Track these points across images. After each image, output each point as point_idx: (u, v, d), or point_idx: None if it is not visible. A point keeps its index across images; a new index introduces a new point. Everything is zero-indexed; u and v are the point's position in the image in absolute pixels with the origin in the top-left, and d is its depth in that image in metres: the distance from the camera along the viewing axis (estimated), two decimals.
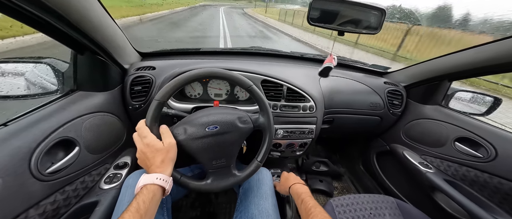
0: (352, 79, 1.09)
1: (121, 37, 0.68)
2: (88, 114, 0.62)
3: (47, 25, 0.42)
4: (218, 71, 0.55)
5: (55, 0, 0.37)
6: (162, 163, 0.47)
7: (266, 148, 0.62)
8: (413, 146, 1.06)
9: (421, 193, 0.98)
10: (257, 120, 0.61)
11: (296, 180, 0.70)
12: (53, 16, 0.40)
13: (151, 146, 0.47)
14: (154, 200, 0.42)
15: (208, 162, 0.56)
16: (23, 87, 0.64)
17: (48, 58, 0.63)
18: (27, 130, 0.47)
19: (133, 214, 0.37)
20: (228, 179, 0.59)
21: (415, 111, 1.08)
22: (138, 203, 0.39)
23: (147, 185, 0.43)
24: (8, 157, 0.42)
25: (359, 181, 1.48)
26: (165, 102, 0.52)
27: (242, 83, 0.58)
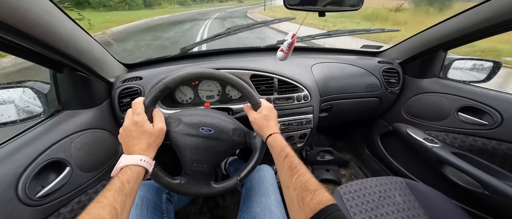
0: (345, 63, 1.06)
1: (99, 50, 0.66)
2: (76, 133, 0.61)
3: (12, 45, 0.40)
4: (232, 78, 0.55)
5: (12, 16, 0.36)
6: (148, 147, 0.45)
7: (250, 168, 0.59)
8: (416, 122, 1.03)
9: (430, 169, 0.95)
10: (252, 138, 0.60)
11: (277, 128, 0.56)
12: (15, 34, 0.38)
13: (140, 125, 0.45)
14: (138, 181, 0.40)
15: (188, 161, 0.53)
16: (12, 114, 0.63)
17: (29, 81, 0.62)
18: (10, 157, 0.46)
19: (117, 193, 0.35)
20: (201, 187, 0.56)
21: (413, 86, 1.05)
22: (123, 182, 0.37)
23: (130, 166, 0.41)
24: None
25: (366, 166, 1.46)
26: (171, 88, 0.51)
27: (252, 98, 0.57)
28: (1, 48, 0.39)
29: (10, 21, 0.35)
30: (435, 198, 0.77)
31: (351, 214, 0.73)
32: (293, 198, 0.39)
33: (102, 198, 0.33)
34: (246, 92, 0.57)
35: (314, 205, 0.35)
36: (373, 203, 0.76)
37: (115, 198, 0.34)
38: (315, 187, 0.38)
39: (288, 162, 0.44)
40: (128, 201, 0.36)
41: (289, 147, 0.49)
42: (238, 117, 0.82)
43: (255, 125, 0.57)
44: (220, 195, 1.28)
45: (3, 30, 0.36)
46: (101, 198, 0.33)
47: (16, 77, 3.17)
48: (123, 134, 0.46)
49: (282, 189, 0.45)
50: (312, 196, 0.36)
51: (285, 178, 0.43)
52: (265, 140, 0.54)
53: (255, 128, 0.58)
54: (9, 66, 3.43)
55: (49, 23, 0.43)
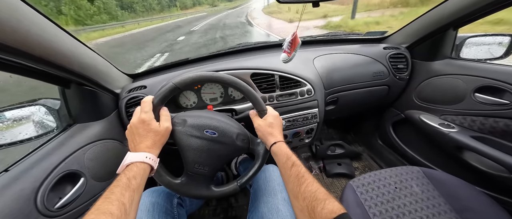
0: (348, 53, 1.03)
1: (102, 63, 0.68)
2: (88, 144, 0.63)
3: (18, 66, 0.42)
4: (240, 83, 0.55)
5: (14, 39, 0.37)
6: (153, 144, 0.46)
7: (250, 175, 0.59)
8: (429, 108, 0.98)
9: (448, 156, 0.90)
10: (255, 145, 0.59)
11: (281, 136, 0.55)
12: (19, 56, 0.40)
13: (146, 123, 0.46)
14: (144, 177, 0.41)
15: (190, 162, 0.54)
16: (28, 131, 0.66)
17: (41, 99, 0.65)
18: (28, 172, 0.48)
19: (124, 189, 0.35)
20: (201, 189, 0.56)
21: (423, 70, 0.99)
22: (129, 178, 0.38)
23: (136, 163, 0.42)
24: (12, 201, 0.43)
25: (379, 157, 1.41)
26: (180, 90, 0.51)
27: (258, 104, 0.57)
28: (8, 69, 0.41)
29: (13, 44, 0.37)
30: (456, 186, 0.72)
31: (366, 208, 0.70)
32: (303, 208, 0.38)
33: (110, 193, 0.34)
34: (253, 98, 0.57)
35: (326, 215, 0.35)
36: (389, 195, 0.73)
37: (123, 194, 0.35)
38: (324, 196, 0.38)
39: (295, 171, 0.44)
40: (135, 197, 0.37)
41: (295, 155, 0.48)
42: (242, 117, 0.82)
43: (259, 132, 0.57)
44: (220, 198, 1.29)
45: (7, 53, 0.38)
46: (109, 194, 0.34)
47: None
48: (129, 131, 0.48)
49: (290, 199, 0.44)
50: (322, 205, 0.36)
51: (293, 187, 0.42)
52: (269, 148, 0.54)
53: (259, 135, 0.57)
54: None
55: (50, 41, 0.45)
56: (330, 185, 1.30)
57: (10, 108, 0.61)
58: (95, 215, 0.30)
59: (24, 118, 0.64)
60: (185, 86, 0.52)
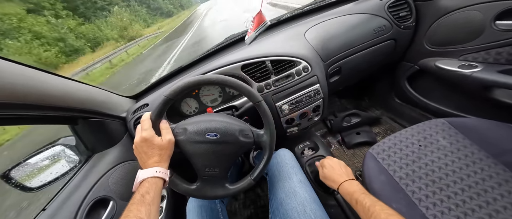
0: (340, 16, 0.95)
1: (100, 93, 0.71)
2: (109, 170, 0.68)
3: (16, 117, 0.45)
4: (229, 80, 0.54)
5: (1, 95, 0.40)
6: (160, 159, 0.48)
7: (262, 166, 0.58)
8: (444, 51, 0.88)
9: (475, 99, 0.81)
10: (260, 136, 0.58)
11: (342, 176, 0.61)
12: (12, 109, 0.42)
13: (149, 141, 0.48)
14: (157, 191, 0.43)
15: (201, 167, 0.55)
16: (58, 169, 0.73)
17: (59, 139, 0.71)
18: (62, 207, 0.54)
19: (139, 205, 0.38)
20: (217, 190, 0.57)
21: (430, 11, 0.89)
22: (142, 195, 0.40)
23: (148, 179, 0.44)
24: None
25: (400, 116, 1.32)
26: (173, 99, 0.52)
27: (253, 97, 0.56)
28: (7, 123, 0.45)
29: (4, 99, 0.39)
30: (489, 129, 0.65)
31: (390, 173, 0.67)
32: None
33: (128, 212, 0.37)
34: (245, 91, 0.56)
35: None
36: (414, 155, 0.69)
37: (139, 209, 0.37)
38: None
39: (361, 208, 0.47)
40: (152, 210, 0.39)
41: (358, 191, 0.52)
42: (242, 111, 0.81)
43: (326, 181, 0.65)
44: (254, 186, 1.32)
45: (3, 109, 0.41)
46: (127, 212, 0.37)
47: None
48: (136, 150, 0.50)
49: None
50: None
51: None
52: (337, 189, 0.59)
53: (327, 183, 0.64)
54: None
55: (38, 87, 0.47)
56: (352, 157, 1.27)
57: (36, 153, 0.67)
58: None
59: (49, 159, 0.70)
60: (176, 95, 0.52)
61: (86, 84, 0.65)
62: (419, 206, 0.57)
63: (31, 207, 2.67)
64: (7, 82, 0.41)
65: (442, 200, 0.57)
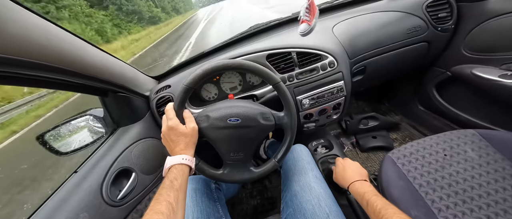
0: (374, 12, 0.90)
1: (130, 70, 0.74)
2: (132, 144, 0.72)
3: (64, 82, 0.49)
4: (248, 64, 0.54)
5: (52, 59, 0.43)
6: (186, 146, 0.50)
7: (285, 148, 0.59)
8: (484, 58, 0.82)
9: None
10: (280, 119, 0.58)
11: (355, 176, 0.61)
12: (59, 73, 0.46)
13: (175, 129, 0.50)
14: (184, 177, 0.45)
15: (226, 153, 0.57)
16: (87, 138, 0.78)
17: (89, 109, 0.75)
18: (91, 171, 0.58)
19: (169, 190, 0.40)
20: (243, 173, 0.58)
21: (474, 14, 0.82)
22: (171, 180, 0.42)
23: (175, 165, 0.46)
24: (85, 196, 0.53)
25: (422, 124, 1.26)
26: (193, 88, 0.54)
27: (270, 78, 0.56)
28: (52, 86, 0.48)
29: (52, 62, 0.42)
30: None
31: (410, 179, 0.65)
32: None
33: (158, 195, 0.39)
34: (264, 74, 0.55)
35: None
36: (437, 164, 0.66)
37: (168, 194, 0.39)
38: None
39: (371, 210, 0.47)
40: (180, 195, 0.41)
41: (369, 192, 0.51)
42: (263, 101, 0.81)
43: (337, 180, 0.66)
44: (262, 178, 1.34)
45: (50, 72, 0.44)
46: (158, 195, 0.39)
47: None
48: (164, 139, 0.52)
49: None
50: None
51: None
52: (347, 188, 0.60)
53: (338, 182, 0.65)
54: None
55: (82, 56, 0.50)
56: (366, 160, 1.24)
57: (68, 121, 0.72)
58: (149, 215, 0.35)
59: (79, 127, 0.75)
60: (196, 84, 0.53)
61: (119, 60, 0.67)
62: (438, 216, 0.55)
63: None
64: (56, 47, 0.43)
65: (464, 212, 0.54)
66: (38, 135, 0.65)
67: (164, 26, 21.97)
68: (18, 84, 0.43)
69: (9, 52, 0.36)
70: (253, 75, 0.90)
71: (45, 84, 0.47)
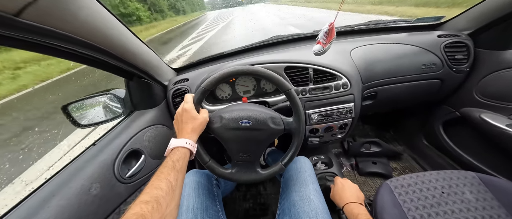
0: (392, 43, 0.93)
1: (156, 59, 0.79)
2: (145, 128, 0.76)
3: (99, 61, 0.53)
4: (259, 70, 0.58)
5: (100, 40, 0.48)
6: (192, 130, 0.53)
7: (292, 153, 0.61)
8: (495, 105, 0.83)
9: None
10: (289, 124, 0.61)
11: (352, 197, 0.64)
12: (101, 53, 0.50)
13: (188, 111, 0.53)
14: (185, 160, 0.47)
15: (235, 153, 0.60)
16: (103, 115, 0.83)
17: (112, 89, 0.80)
18: (108, 146, 0.62)
19: (170, 169, 0.42)
20: (250, 174, 0.61)
21: (491, 61, 0.84)
22: (173, 161, 0.44)
23: (179, 147, 0.48)
24: (100, 168, 0.56)
25: (424, 158, 1.27)
26: (210, 90, 0.58)
27: (282, 85, 0.59)
28: (94, 65, 0.53)
29: (104, 46, 0.47)
30: None
31: (404, 209, 0.66)
32: None
33: (160, 173, 0.41)
34: (276, 80, 0.58)
35: None
36: (433, 199, 0.67)
37: (169, 173, 0.41)
38: None
39: None
40: (179, 177, 0.43)
41: (363, 214, 0.55)
42: (275, 109, 0.85)
43: (334, 197, 0.69)
44: (265, 181, 1.36)
45: (98, 53, 0.49)
46: (159, 173, 0.42)
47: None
48: (176, 119, 0.56)
49: None
50: None
51: None
52: (342, 208, 0.64)
53: (335, 199, 0.69)
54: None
55: (124, 43, 0.55)
56: (363, 184, 1.24)
57: (91, 96, 0.77)
58: (150, 189, 0.37)
59: (99, 104, 0.80)
60: (212, 86, 0.57)
61: (149, 47, 0.72)
62: None
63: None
64: (109, 33, 0.48)
65: None
66: (63, 105, 0.70)
67: (145, 29, 14.70)
68: (73, 60, 0.48)
69: (79, 34, 0.41)
70: (267, 82, 0.93)
71: (91, 62, 0.52)
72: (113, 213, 0.57)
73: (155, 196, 0.35)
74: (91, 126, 0.78)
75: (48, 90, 4.86)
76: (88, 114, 0.79)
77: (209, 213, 0.61)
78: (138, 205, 0.33)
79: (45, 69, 5.63)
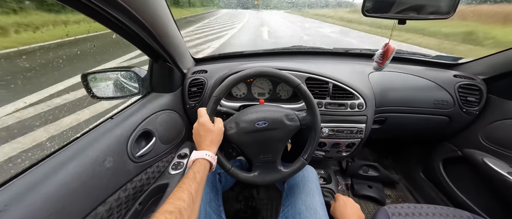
0: (410, 74, 0.96)
1: (183, 45, 0.80)
2: (159, 111, 0.76)
3: (137, 37, 0.54)
4: (267, 70, 0.59)
5: (147, 18, 0.49)
6: (211, 142, 0.54)
7: (312, 147, 0.62)
8: (498, 152, 0.86)
9: (510, 211, 0.78)
10: (304, 119, 0.62)
11: (353, 216, 0.65)
12: (143, 29, 0.51)
13: (204, 125, 0.54)
14: (205, 172, 0.48)
15: (255, 156, 0.60)
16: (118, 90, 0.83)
17: (134, 67, 0.80)
18: (124, 122, 0.62)
19: (191, 181, 0.43)
20: (273, 174, 0.62)
21: (501, 109, 0.87)
22: (194, 172, 0.45)
23: (199, 159, 0.50)
24: (114, 142, 0.56)
25: (419, 191, 1.28)
26: (221, 98, 0.58)
27: (291, 82, 0.59)
28: (132, 40, 0.54)
29: (147, 23, 0.48)
30: None
31: None
32: None
33: (182, 184, 0.42)
34: (284, 78, 0.59)
35: None
36: None
37: (190, 185, 0.42)
38: None
39: None
40: (199, 188, 0.44)
41: None
42: None
43: (335, 214, 0.69)
44: (252, 187, 1.35)
45: (141, 29, 0.50)
46: (181, 184, 0.42)
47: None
48: (194, 134, 0.57)
49: None
50: None
51: None
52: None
53: (336, 216, 0.69)
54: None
55: (165, 25, 0.56)
56: None
57: (112, 70, 0.77)
58: (173, 199, 0.38)
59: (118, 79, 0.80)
60: (224, 94, 0.58)
61: (180, 33, 0.73)
62: None
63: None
64: (156, 13, 0.49)
65: None
66: (83, 74, 0.70)
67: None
68: (115, 30, 0.49)
69: (132, 7, 0.42)
70: (283, 87, 0.95)
71: (130, 36, 0.53)
72: (120, 190, 0.56)
73: (178, 207, 0.36)
74: (107, 99, 0.78)
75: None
76: (105, 87, 0.80)
77: (212, 206, 0.61)
78: (163, 214, 0.33)
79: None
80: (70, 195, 0.42)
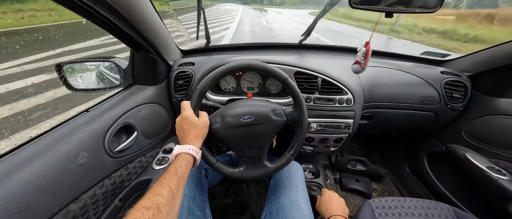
0: (399, 70, 0.97)
1: (168, 36, 0.76)
2: (143, 104, 0.73)
3: (113, 26, 0.50)
4: (254, 63, 0.57)
5: (121, 4, 0.45)
6: (195, 136, 0.52)
7: (298, 142, 0.61)
8: (479, 147, 0.88)
9: (489, 204, 0.82)
10: (291, 114, 0.60)
11: (338, 210, 0.65)
12: (117, 17, 0.47)
13: (188, 118, 0.52)
14: (188, 166, 0.47)
15: (241, 150, 0.59)
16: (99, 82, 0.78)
17: (113, 57, 0.75)
18: (101, 116, 0.58)
19: (172, 175, 0.41)
20: (259, 169, 0.61)
21: (483, 105, 0.89)
22: (176, 167, 0.44)
23: (182, 154, 0.48)
24: (90, 136, 0.53)
25: (404, 184, 1.32)
26: (206, 91, 0.56)
27: (278, 75, 0.57)
28: (108, 29, 0.50)
29: (123, 11, 0.44)
30: None
31: None
32: None
33: (162, 179, 0.41)
34: (271, 72, 0.57)
35: None
36: None
37: (171, 180, 0.41)
38: None
39: None
40: (181, 183, 0.42)
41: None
42: None
43: (320, 209, 0.69)
44: (241, 181, 1.35)
45: (115, 16, 0.46)
46: (161, 179, 0.41)
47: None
48: (177, 127, 0.54)
49: None
50: None
51: None
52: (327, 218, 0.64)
53: (321, 210, 0.68)
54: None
55: (143, 13, 0.52)
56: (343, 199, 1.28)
57: (90, 60, 0.72)
58: (151, 195, 0.36)
59: (97, 70, 0.76)
60: (209, 87, 0.56)
61: (164, 24, 0.69)
62: None
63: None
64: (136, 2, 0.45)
65: None
66: (58, 63, 0.66)
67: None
68: (87, 18, 0.45)
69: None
70: (272, 82, 0.93)
71: (104, 24, 0.49)
72: (95, 186, 0.54)
73: (156, 202, 0.34)
74: (84, 91, 0.73)
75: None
76: (83, 78, 0.75)
77: (196, 202, 0.60)
78: (139, 210, 0.32)
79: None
80: (35, 193, 0.40)
